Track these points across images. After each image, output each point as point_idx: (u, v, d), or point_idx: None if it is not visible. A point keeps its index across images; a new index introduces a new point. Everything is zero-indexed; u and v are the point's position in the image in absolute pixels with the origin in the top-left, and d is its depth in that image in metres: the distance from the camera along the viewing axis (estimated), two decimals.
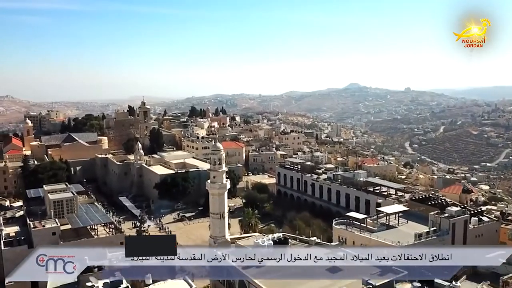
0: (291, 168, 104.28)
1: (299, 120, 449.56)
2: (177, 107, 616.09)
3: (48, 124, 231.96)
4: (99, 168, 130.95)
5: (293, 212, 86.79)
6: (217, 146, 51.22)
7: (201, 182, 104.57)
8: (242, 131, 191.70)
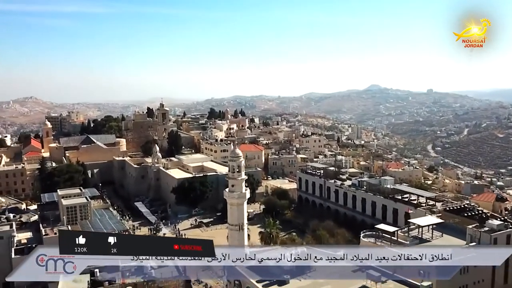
0: (313, 174, 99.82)
1: (318, 122, 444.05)
2: (196, 108, 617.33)
3: (68, 126, 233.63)
4: (116, 171, 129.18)
5: (315, 220, 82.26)
6: (236, 152, 47.50)
7: (220, 186, 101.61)
8: (261, 133, 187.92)
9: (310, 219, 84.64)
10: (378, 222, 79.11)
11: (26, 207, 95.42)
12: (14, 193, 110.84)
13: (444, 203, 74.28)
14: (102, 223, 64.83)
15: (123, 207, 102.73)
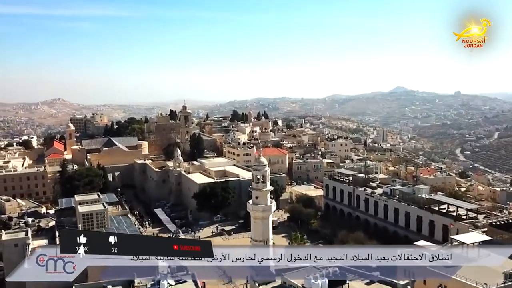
0: (341, 180, 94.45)
1: (343, 124, 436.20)
2: (219, 110, 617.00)
3: (92, 127, 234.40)
4: (138, 174, 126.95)
5: (344, 230, 76.98)
6: (260, 161, 43.19)
7: (242, 192, 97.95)
8: (285, 136, 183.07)
9: (338, 229, 79.42)
10: (412, 235, 73.71)
11: (46, 210, 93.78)
12: (35, 196, 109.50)
13: (486, 215, 68.02)
14: (119, 232, 61.54)
15: (143, 212, 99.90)
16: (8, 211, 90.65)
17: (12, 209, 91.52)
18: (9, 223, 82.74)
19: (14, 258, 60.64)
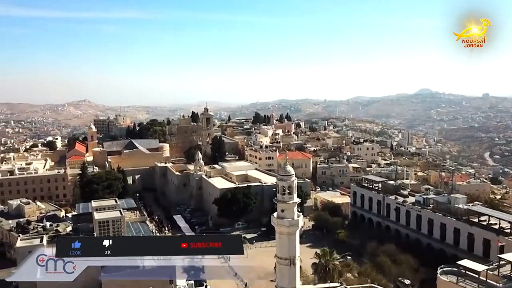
0: (370, 188, 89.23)
1: (367, 126, 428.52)
2: (241, 112, 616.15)
3: (115, 129, 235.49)
4: (158, 178, 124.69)
5: (373, 241, 72.27)
6: (286, 170, 39.00)
7: (264, 198, 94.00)
8: (308, 139, 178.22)
9: (367, 240, 74.68)
10: (449, 248, 68.33)
11: (65, 214, 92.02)
12: (55, 198, 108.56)
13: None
14: None
15: (163, 217, 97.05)
16: (27, 214, 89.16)
17: (31, 212, 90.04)
18: (27, 227, 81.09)
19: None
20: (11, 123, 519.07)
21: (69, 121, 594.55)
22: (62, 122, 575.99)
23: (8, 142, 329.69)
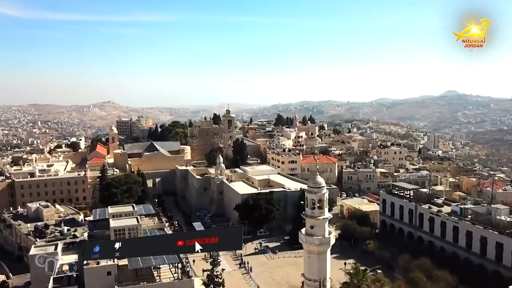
0: (401, 196, 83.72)
1: (391, 129, 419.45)
2: (263, 114, 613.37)
3: (137, 130, 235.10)
4: (179, 181, 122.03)
5: (406, 254, 67.11)
6: (317, 181, 34.89)
7: (288, 204, 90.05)
8: (333, 142, 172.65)
9: (399, 253, 69.58)
10: (490, 264, 62.65)
11: (84, 218, 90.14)
12: (75, 201, 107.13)
13: None
14: None
15: (183, 223, 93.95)
16: (45, 217, 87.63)
17: (50, 216, 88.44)
18: (44, 231, 79.35)
19: (40, 273, 56.20)
20: (38, 123, 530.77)
21: (94, 122, 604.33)
22: (87, 123, 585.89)
23: (35, 142, 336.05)
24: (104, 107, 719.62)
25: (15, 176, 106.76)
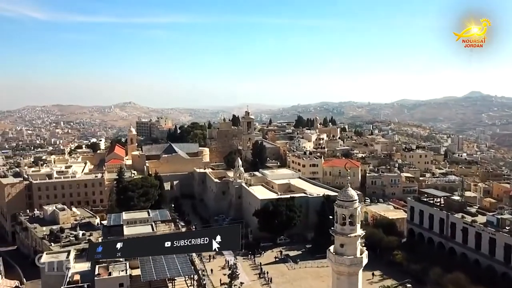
0: (431, 203, 78.74)
1: (414, 131, 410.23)
2: (282, 115, 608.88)
3: (156, 131, 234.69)
4: (197, 184, 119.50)
5: (437, 267, 62.48)
6: (348, 194, 31.17)
7: (309, 211, 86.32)
8: (355, 144, 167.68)
9: (429, 265, 64.91)
10: None
11: (100, 221, 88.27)
12: (92, 203, 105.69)
13: None
14: (168, 261, 52.06)
15: (200, 228, 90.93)
16: (61, 220, 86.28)
17: (66, 219, 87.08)
18: (59, 235, 77.70)
19: (52, 281, 54.01)
20: (61, 123, 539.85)
21: (115, 122, 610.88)
22: (108, 123, 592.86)
23: (57, 142, 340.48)
24: (125, 108, 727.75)
25: (33, 177, 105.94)
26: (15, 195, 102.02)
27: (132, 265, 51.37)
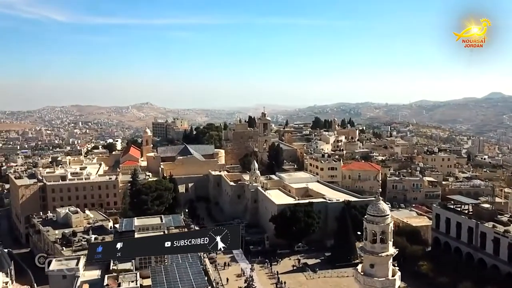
0: (459, 211, 74.40)
1: (433, 132, 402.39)
2: (298, 116, 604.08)
3: (172, 132, 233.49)
4: (212, 187, 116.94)
5: (467, 281, 58.43)
6: (380, 209, 27.89)
7: (328, 217, 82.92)
8: (374, 147, 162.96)
9: (458, 278, 60.87)
10: None
11: (114, 225, 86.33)
12: (105, 206, 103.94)
13: None
14: (180, 271, 49.41)
15: None
16: (74, 224, 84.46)
17: (79, 222, 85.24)
18: (71, 240, 75.92)
19: None
20: (79, 124, 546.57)
21: (132, 122, 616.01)
22: (125, 124, 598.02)
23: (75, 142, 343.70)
24: (142, 108, 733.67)
25: (47, 179, 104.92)
26: (29, 197, 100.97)
27: (143, 275, 48.91)
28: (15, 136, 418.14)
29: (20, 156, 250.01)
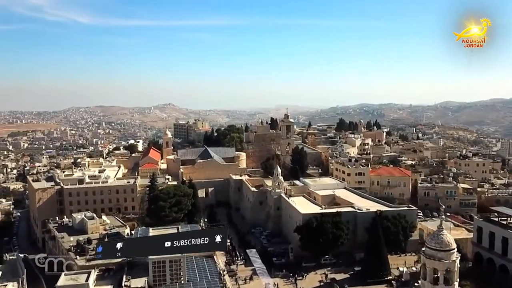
0: (505, 225, 67.44)
1: (460, 134, 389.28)
2: (320, 117, 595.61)
3: (193, 134, 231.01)
4: (233, 192, 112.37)
5: None
6: (444, 242, 22.70)
7: (358, 227, 77.09)
8: (402, 150, 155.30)
9: None
10: None
11: (131, 231, 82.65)
12: (123, 210, 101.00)
13: None
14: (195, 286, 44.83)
15: (236, 242, 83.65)
16: (90, 230, 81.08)
17: (94, 228, 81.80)
18: (86, 248, 72.41)
19: None
20: (103, 124, 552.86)
21: (154, 123, 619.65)
22: (148, 124, 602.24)
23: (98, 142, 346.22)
24: (164, 109, 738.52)
25: (64, 182, 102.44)
26: (46, 200, 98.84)
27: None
28: (41, 136, 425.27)
29: (45, 156, 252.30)
